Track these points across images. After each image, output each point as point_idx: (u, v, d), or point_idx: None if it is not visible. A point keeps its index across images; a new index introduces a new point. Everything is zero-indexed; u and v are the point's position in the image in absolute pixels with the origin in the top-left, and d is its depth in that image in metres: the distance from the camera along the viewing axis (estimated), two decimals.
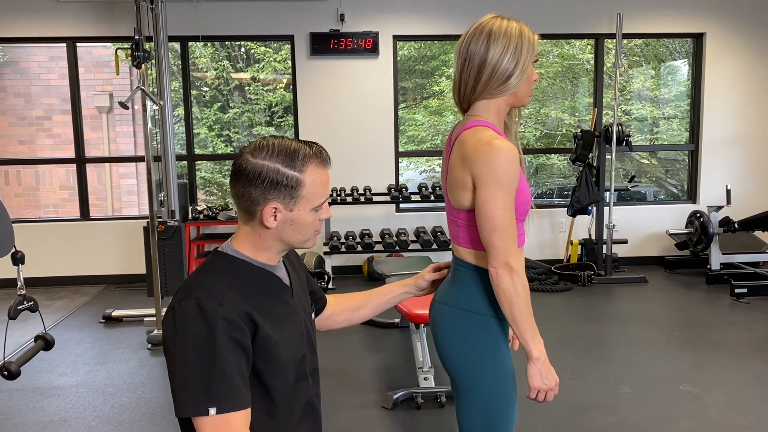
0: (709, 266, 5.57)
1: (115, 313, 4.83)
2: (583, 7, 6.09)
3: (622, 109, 7.07)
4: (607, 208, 5.81)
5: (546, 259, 6.21)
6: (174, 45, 6.21)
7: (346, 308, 1.65)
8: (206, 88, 8.00)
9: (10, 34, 5.79)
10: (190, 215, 5.78)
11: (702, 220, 5.56)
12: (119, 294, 5.64)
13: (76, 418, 3.21)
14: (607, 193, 5.80)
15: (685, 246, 5.84)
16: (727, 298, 5.10)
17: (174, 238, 4.84)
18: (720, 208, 5.53)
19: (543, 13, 6.03)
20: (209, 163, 8.01)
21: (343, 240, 5.70)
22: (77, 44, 5.97)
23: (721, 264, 5.56)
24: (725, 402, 3.22)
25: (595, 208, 5.84)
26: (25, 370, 3.18)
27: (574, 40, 7.30)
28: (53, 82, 7.87)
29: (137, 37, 4.42)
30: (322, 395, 1.46)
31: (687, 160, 6.64)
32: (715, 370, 3.65)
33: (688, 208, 6.10)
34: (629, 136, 5.71)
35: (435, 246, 5.57)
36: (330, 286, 5.49)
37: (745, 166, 6.37)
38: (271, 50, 7.68)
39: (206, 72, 7.89)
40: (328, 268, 5.68)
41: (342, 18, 5.85)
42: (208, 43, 7.25)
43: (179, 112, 6.43)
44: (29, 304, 2.70)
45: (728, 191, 5.53)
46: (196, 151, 6.50)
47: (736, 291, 5.06)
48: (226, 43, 7.44)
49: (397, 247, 5.56)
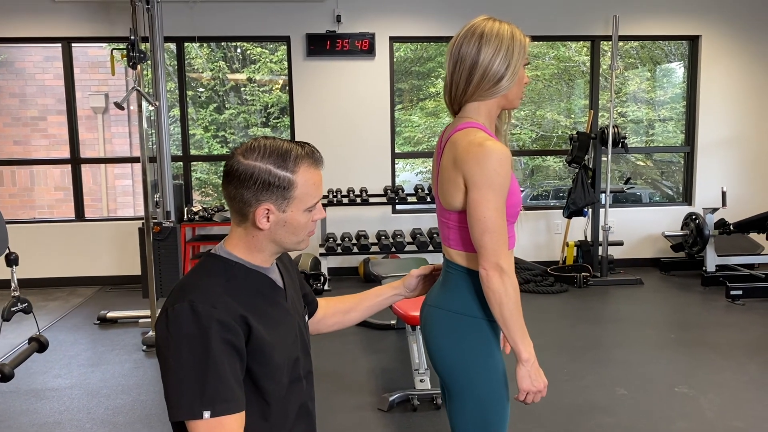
0: (704, 268, 5.58)
1: (110, 314, 4.81)
2: (580, 9, 6.10)
3: (617, 111, 7.08)
4: (602, 210, 5.82)
5: (542, 260, 6.21)
6: (170, 45, 6.21)
7: (337, 311, 1.64)
8: (202, 89, 7.99)
9: (5, 34, 5.76)
10: (186, 216, 5.76)
11: (697, 222, 5.57)
12: (114, 295, 5.62)
13: (71, 420, 3.19)
14: (603, 195, 5.81)
15: (681, 248, 5.85)
16: (723, 300, 5.10)
17: (169, 239, 4.83)
18: (715, 210, 5.55)
19: (539, 15, 6.03)
20: (205, 164, 8.00)
21: (339, 241, 5.69)
22: (73, 44, 5.94)
23: (717, 266, 5.57)
24: (721, 403, 3.22)
25: (590, 210, 5.85)
26: (19, 372, 3.17)
27: (570, 42, 7.31)
28: (48, 83, 7.84)
29: (133, 37, 4.41)
30: (317, 397, 1.46)
31: (682, 162, 6.66)
32: (710, 371, 3.66)
33: (684, 210, 6.11)
34: (625, 138, 5.71)
35: (431, 247, 5.58)
36: (326, 287, 5.49)
37: (740, 169, 6.38)
38: (267, 51, 7.67)
39: (202, 73, 7.88)
40: (324, 270, 5.67)
41: (338, 19, 5.85)
42: (204, 44, 7.23)
43: (175, 112, 6.42)
44: (23, 305, 2.69)
45: (723, 193, 5.54)
46: (192, 152, 6.48)
47: (732, 293, 5.06)
48: (222, 43, 7.43)
49: (394, 249, 5.56)
